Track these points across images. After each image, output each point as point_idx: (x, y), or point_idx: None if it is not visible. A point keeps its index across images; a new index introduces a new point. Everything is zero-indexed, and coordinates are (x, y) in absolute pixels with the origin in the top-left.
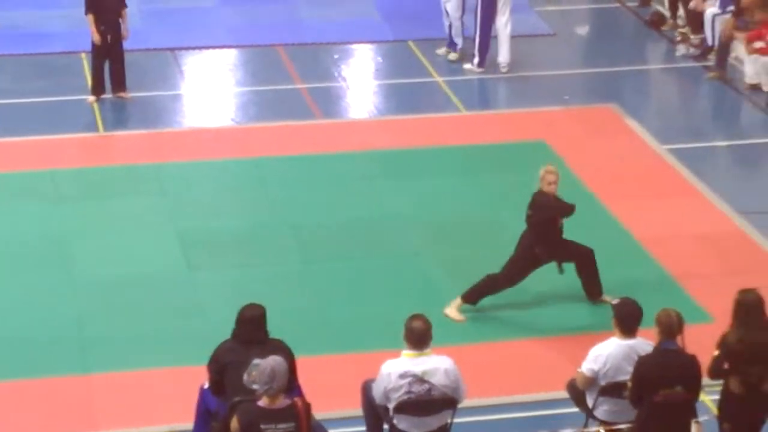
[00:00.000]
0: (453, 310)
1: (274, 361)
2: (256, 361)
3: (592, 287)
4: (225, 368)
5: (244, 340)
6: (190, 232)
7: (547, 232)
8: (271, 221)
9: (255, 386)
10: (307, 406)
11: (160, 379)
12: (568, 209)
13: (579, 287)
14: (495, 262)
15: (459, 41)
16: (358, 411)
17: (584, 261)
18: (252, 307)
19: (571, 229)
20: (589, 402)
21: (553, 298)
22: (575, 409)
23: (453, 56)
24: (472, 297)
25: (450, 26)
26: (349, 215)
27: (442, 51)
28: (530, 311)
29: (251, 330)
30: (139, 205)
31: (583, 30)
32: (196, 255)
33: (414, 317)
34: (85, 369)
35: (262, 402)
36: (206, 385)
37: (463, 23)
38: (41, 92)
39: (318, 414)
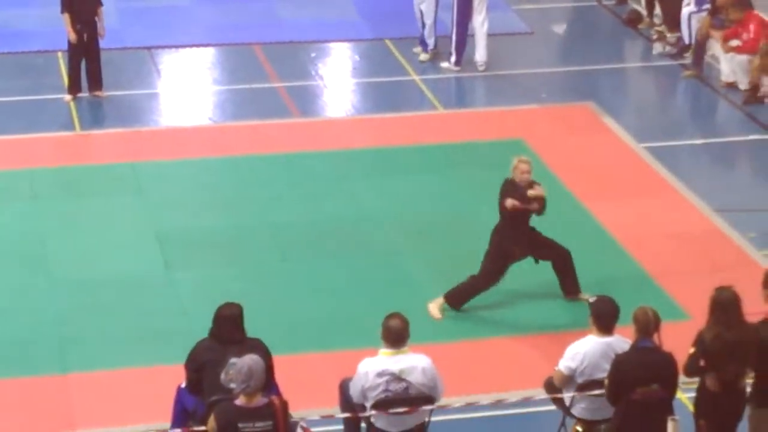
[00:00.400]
0: (435, 307)
1: (251, 359)
2: (233, 360)
3: (570, 286)
4: (202, 367)
5: (221, 339)
6: (167, 232)
7: (514, 223)
8: (250, 220)
9: (232, 385)
10: (285, 404)
11: (137, 378)
12: (532, 204)
13: (556, 285)
14: (475, 258)
15: (431, 42)
16: (335, 409)
17: (561, 261)
18: (229, 306)
19: (549, 227)
20: (567, 400)
21: (530, 296)
22: (552, 407)
23: (424, 57)
24: (455, 300)
25: (423, 26)
26: (327, 214)
27: (417, 50)
28: (508, 309)
29: (228, 329)
30: (116, 204)
31: (560, 28)
32: (174, 254)
33: (391, 316)
34: (63, 368)
35: (240, 401)
36: (183, 384)
37: (435, 24)
38: (18, 91)
39: (295, 412)
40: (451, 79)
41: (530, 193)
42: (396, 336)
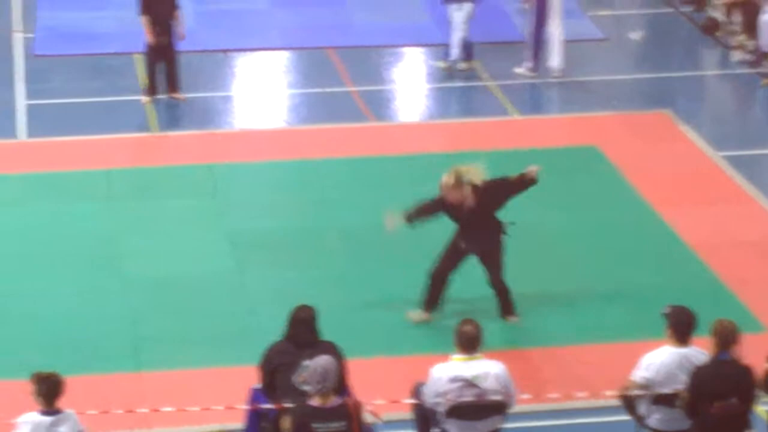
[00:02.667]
0: (415, 314)
1: (324, 360)
2: (306, 362)
3: (505, 306)
4: (276, 369)
5: (295, 342)
6: (239, 233)
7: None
8: (322, 223)
9: (306, 387)
10: (359, 405)
11: (210, 378)
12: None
13: (630, 293)
14: (543, 266)
15: (455, 52)
16: (407, 414)
17: (491, 280)
18: (304, 308)
19: (623, 236)
20: (641, 410)
21: (602, 304)
22: (626, 417)
23: (442, 64)
24: (427, 303)
25: (454, 36)
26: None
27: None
28: (580, 316)
29: (303, 331)
30: (190, 205)
31: (636, 35)
32: (246, 256)
33: (465, 321)
34: (137, 367)
35: (314, 401)
36: (257, 386)
37: (464, 37)
38: (95, 92)
39: (367, 416)
40: (525, 85)
41: (389, 223)
42: (469, 342)
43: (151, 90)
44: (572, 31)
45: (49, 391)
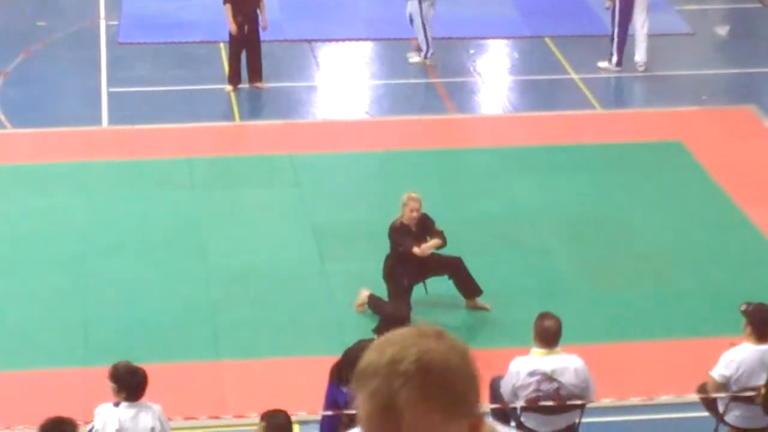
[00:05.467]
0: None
1: None
2: None
3: (467, 291)
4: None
5: None
6: (322, 223)
7: (402, 259)
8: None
9: None
10: None
11: (288, 367)
12: (408, 248)
13: (706, 290)
14: (625, 261)
15: (423, 46)
16: (484, 406)
17: (453, 270)
18: (399, 307)
19: (705, 232)
20: (720, 407)
21: (681, 300)
22: (706, 413)
23: (414, 58)
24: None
25: (429, 31)
26: (480, 210)
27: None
28: (663, 312)
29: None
30: (273, 194)
31: (722, 30)
32: (328, 246)
33: (544, 315)
34: (217, 355)
35: None
36: (335, 378)
37: (425, 28)
38: (179, 81)
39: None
40: (610, 79)
41: (423, 248)
42: (549, 336)
43: (235, 79)
44: (659, 26)
45: (132, 384)
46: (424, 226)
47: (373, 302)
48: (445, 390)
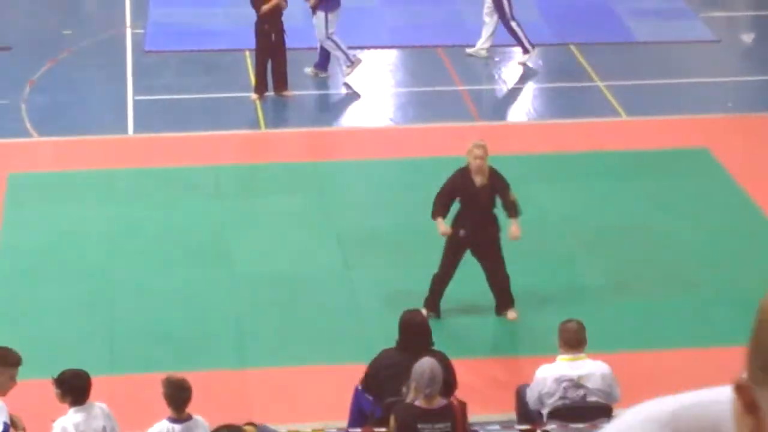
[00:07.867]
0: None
1: (431, 363)
2: (416, 369)
3: (499, 306)
4: (385, 378)
5: (407, 349)
6: (347, 231)
7: (464, 206)
8: (427, 222)
9: (414, 392)
10: (463, 406)
11: (314, 376)
12: (434, 215)
13: (743, 298)
14: (650, 268)
15: (343, 59)
16: (511, 415)
17: (493, 274)
18: (413, 313)
19: (731, 240)
20: None
21: (712, 307)
22: None
23: (311, 72)
24: (429, 304)
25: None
26: (504, 218)
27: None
28: (689, 319)
29: (417, 339)
30: (297, 202)
31: (748, 37)
32: (353, 254)
33: (568, 321)
34: (241, 363)
35: (420, 402)
36: (361, 386)
37: (336, 41)
38: (205, 88)
39: (471, 417)
40: (634, 86)
41: (444, 230)
42: (574, 341)
43: (261, 87)
44: (684, 33)
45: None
46: (494, 186)
47: (428, 300)
48: None
